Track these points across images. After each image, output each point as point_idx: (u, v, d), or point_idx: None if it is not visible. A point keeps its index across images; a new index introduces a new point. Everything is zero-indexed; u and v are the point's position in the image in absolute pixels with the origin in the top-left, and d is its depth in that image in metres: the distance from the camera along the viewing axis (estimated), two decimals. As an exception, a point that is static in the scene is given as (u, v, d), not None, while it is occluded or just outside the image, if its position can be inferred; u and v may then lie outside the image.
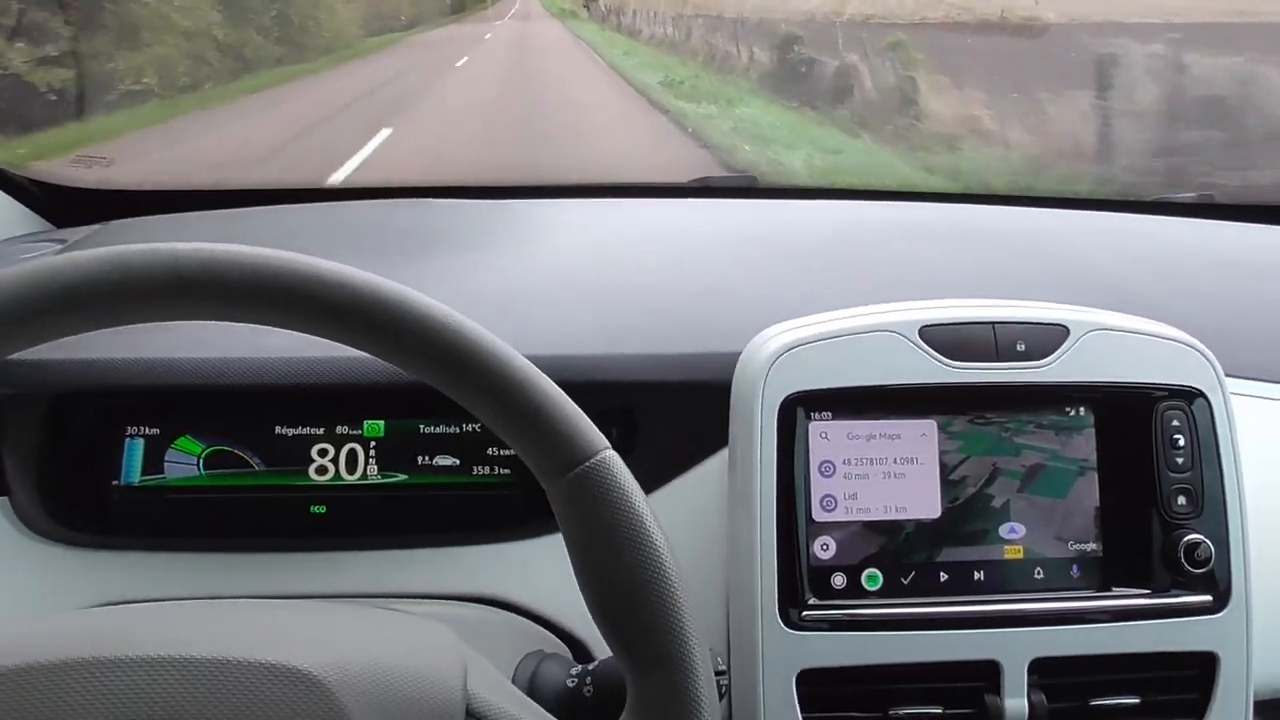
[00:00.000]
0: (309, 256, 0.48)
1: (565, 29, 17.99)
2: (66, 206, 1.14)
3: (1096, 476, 0.71)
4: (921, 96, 6.11)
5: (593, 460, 0.49)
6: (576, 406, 0.50)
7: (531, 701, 0.49)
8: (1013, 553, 0.69)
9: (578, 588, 0.49)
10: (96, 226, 1.08)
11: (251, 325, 0.49)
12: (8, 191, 1.10)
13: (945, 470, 0.70)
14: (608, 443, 0.50)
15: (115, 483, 0.75)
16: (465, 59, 12.40)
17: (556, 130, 6.53)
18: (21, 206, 1.12)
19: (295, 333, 0.50)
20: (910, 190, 1.41)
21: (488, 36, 16.56)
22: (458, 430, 0.77)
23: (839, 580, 0.68)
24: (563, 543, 0.50)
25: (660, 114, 7.50)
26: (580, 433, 0.49)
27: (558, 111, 7.58)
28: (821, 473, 0.69)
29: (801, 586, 0.67)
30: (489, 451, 0.77)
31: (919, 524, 0.69)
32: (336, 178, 4.34)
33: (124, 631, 0.44)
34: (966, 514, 0.69)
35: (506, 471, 0.77)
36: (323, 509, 0.76)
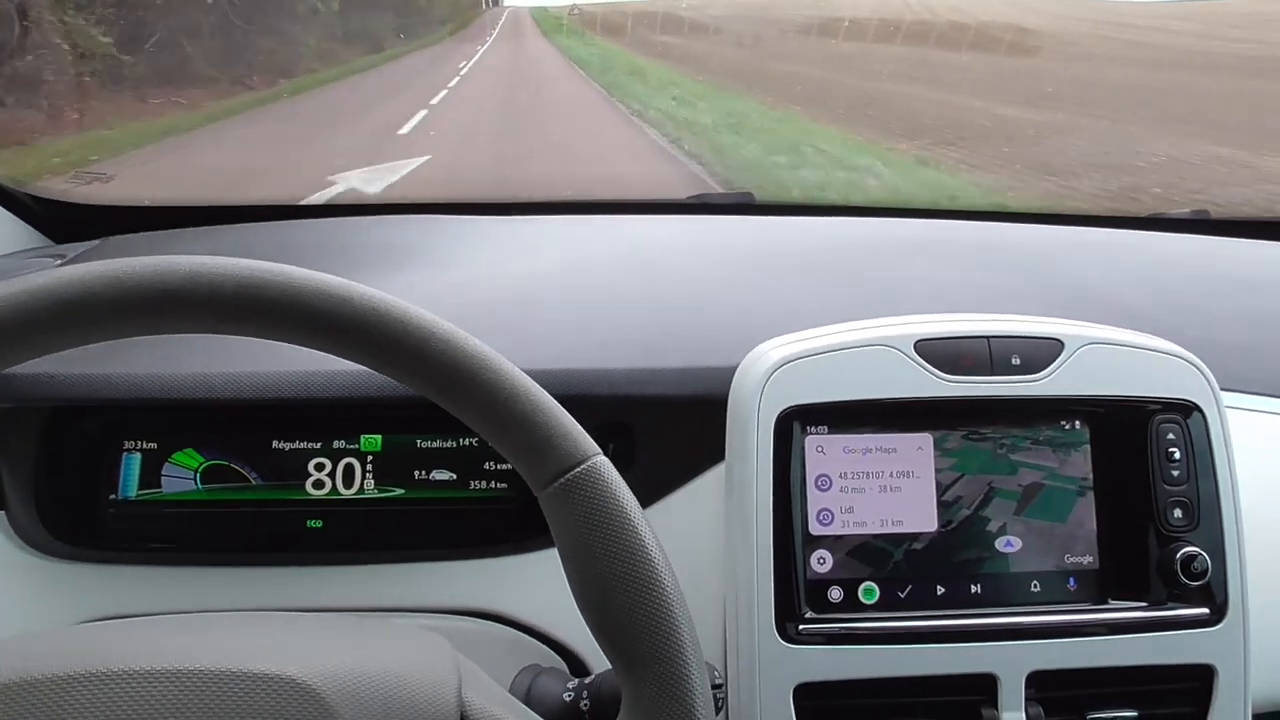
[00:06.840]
0: (303, 269, 0.49)
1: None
2: (65, 222, 1.15)
3: (1094, 495, 0.71)
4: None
5: (584, 465, 0.49)
6: (567, 413, 0.50)
7: (528, 709, 0.49)
8: (1009, 567, 0.70)
9: (572, 598, 0.49)
10: (95, 242, 1.08)
11: (248, 339, 0.49)
12: (7, 207, 1.11)
13: (941, 489, 0.70)
14: (598, 448, 0.50)
15: (112, 497, 0.75)
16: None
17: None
18: (21, 222, 1.12)
19: (292, 347, 0.50)
20: (904, 206, 1.42)
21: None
22: (454, 445, 0.77)
23: (835, 594, 0.68)
24: (558, 556, 0.50)
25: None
26: (571, 438, 0.49)
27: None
28: (818, 486, 0.69)
29: (798, 600, 0.67)
30: (485, 466, 0.77)
31: (915, 537, 0.69)
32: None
33: (118, 644, 0.44)
34: (963, 530, 0.69)
35: (503, 486, 0.77)
36: (319, 523, 0.76)
